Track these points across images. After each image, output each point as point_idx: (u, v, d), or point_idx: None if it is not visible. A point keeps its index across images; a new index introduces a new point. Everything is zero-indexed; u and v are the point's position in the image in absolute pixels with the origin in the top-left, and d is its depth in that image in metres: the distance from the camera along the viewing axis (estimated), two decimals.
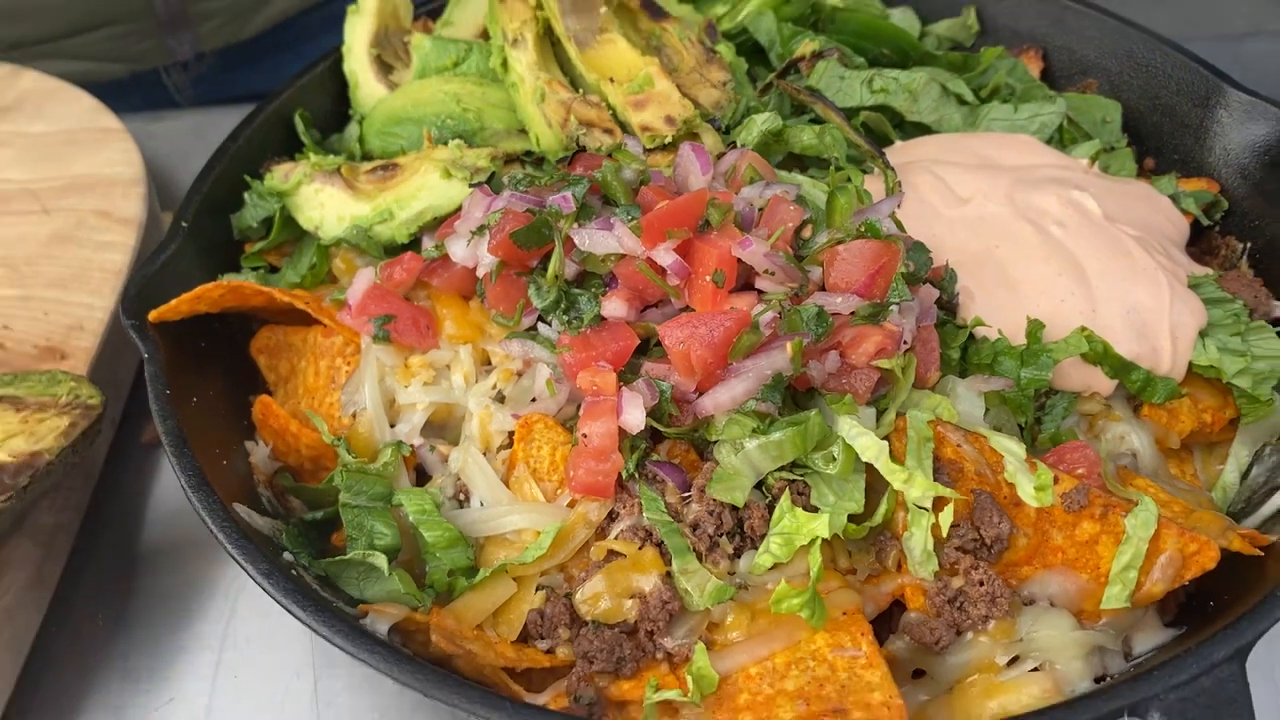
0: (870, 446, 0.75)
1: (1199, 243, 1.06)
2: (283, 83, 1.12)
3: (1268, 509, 0.85)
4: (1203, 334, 0.91)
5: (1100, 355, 0.87)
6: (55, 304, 1.06)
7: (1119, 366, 0.87)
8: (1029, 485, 0.74)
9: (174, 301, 0.88)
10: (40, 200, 1.16)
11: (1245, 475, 0.91)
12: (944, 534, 0.74)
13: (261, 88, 1.69)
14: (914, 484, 0.74)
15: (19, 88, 1.29)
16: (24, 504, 0.84)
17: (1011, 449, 0.77)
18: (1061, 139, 1.09)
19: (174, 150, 1.35)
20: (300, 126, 1.07)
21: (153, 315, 0.88)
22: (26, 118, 1.26)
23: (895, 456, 0.76)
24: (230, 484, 0.82)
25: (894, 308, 0.80)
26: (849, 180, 0.91)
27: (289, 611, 0.71)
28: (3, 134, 1.23)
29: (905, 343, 0.80)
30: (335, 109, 1.12)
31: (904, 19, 1.20)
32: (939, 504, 0.75)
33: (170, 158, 1.34)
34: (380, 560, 0.75)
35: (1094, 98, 1.14)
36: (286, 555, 0.78)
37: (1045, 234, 0.93)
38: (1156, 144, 1.12)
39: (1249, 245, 1.03)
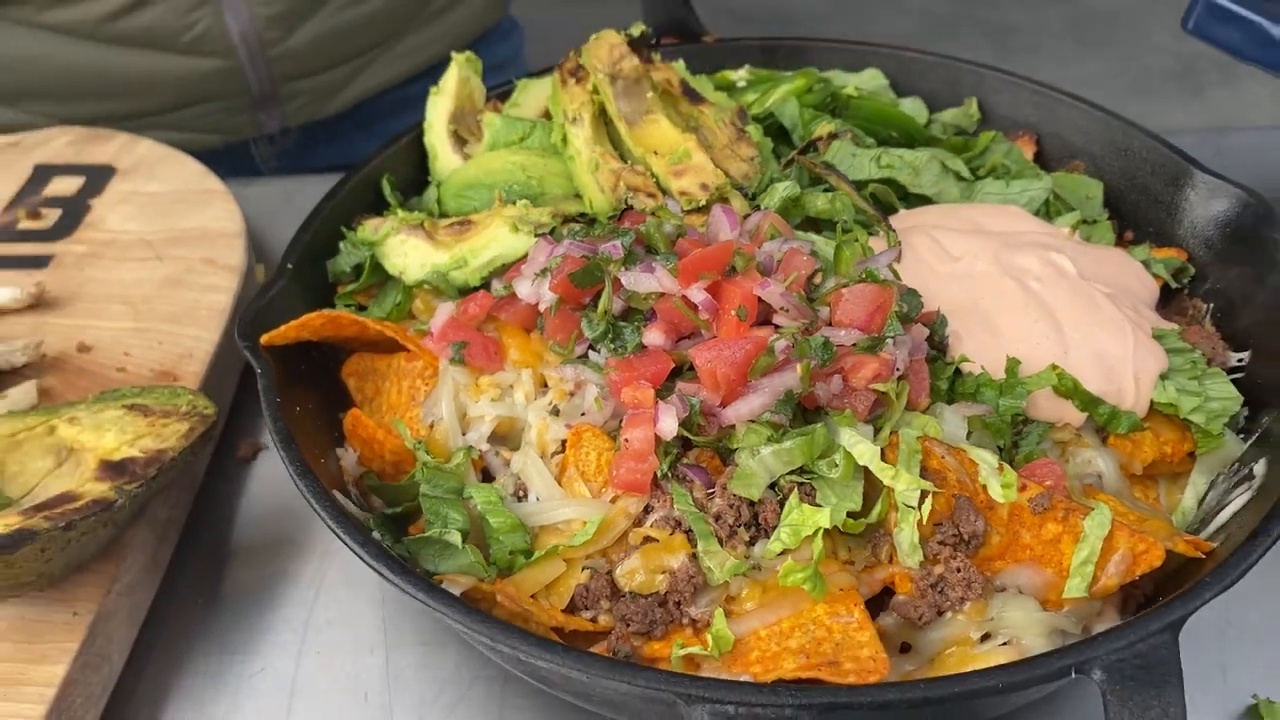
0: (866, 452, 0.92)
1: (1171, 304, 1.23)
2: (366, 154, 1.34)
3: (1215, 524, 1.00)
4: (1164, 377, 1.08)
5: (1071, 391, 1.03)
6: (168, 335, 1.26)
7: (1087, 401, 1.04)
8: (997, 485, 0.91)
9: (283, 328, 1.07)
10: (154, 249, 1.37)
11: (1202, 501, 1.07)
12: (924, 520, 0.90)
13: (337, 161, 1.93)
14: (900, 479, 0.90)
15: (136, 154, 1.52)
16: (149, 493, 1.03)
17: (985, 458, 0.94)
18: (1048, 212, 1.27)
19: (264, 211, 1.56)
20: (387, 189, 1.27)
21: (264, 338, 1.07)
22: (143, 179, 1.48)
23: (888, 464, 0.93)
24: (326, 479, 1.00)
25: (889, 341, 0.98)
26: (856, 239, 1.10)
27: (380, 574, 0.88)
28: (123, 192, 1.46)
29: (898, 370, 0.97)
30: (416, 176, 1.33)
31: (913, 107, 1.41)
32: (924, 501, 0.92)
33: (260, 218, 1.55)
34: (455, 537, 0.93)
35: (1079, 177, 1.33)
36: (375, 535, 0.95)
37: (1026, 288, 1.11)
38: (1134, 218, 1.30)
39: (1211, 305, 1.20)
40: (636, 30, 1.28)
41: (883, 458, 0.93)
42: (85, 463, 1.03)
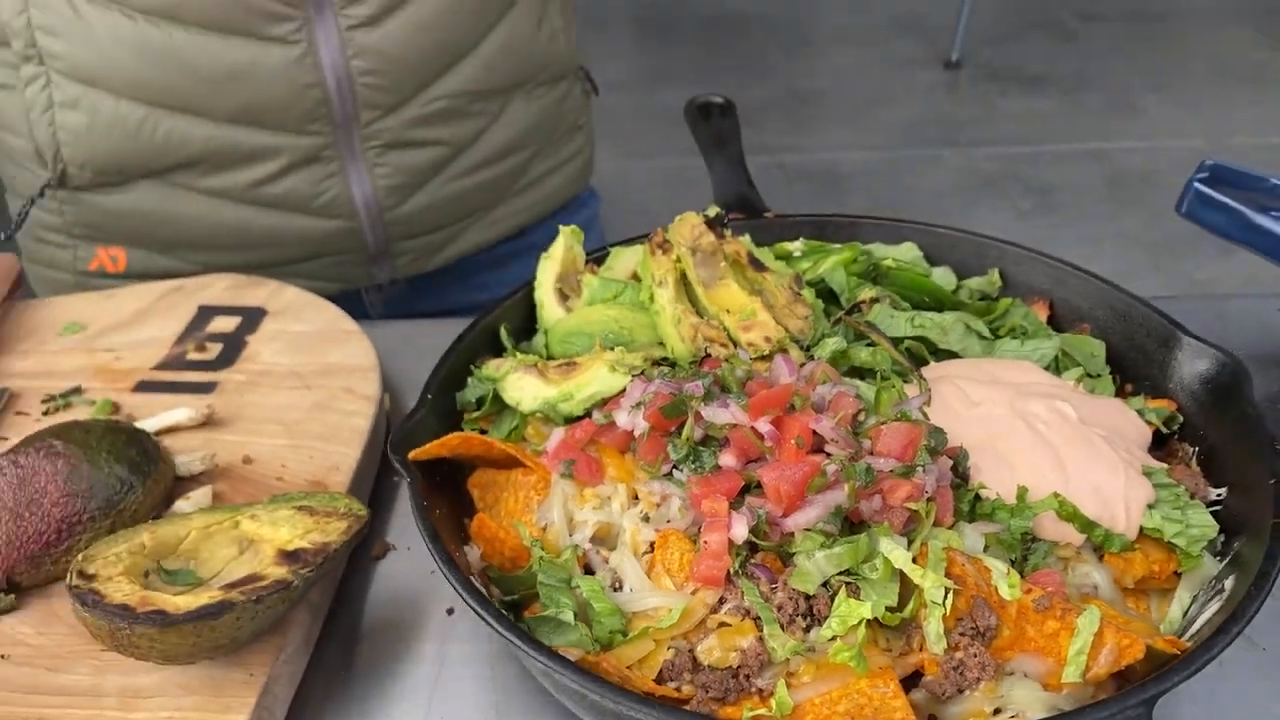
0: (900, 556, 1.18)
1: (1163, 447, 1.48)
2: (459, 303, 1.64)
3: (1192, 630, 1.24)
4: (1151, 506, 1.32)
5: (1071, 515, 1.29)
6: (318, 451, 1.55)
7: (1085, 524, 1.29)
8: (1005, 586, 1.16)
9: (428, 446, 1.36)
10: (303, 379, 1.68)
11: (1186, 613, 1.30)
12: (948, 614, 1.15)
13: (435, 308, 2.26)
14: (928, 580, 1.16)
15: (284, 298, 1.85)
16: (316, 578, 1.29)
17: (997, 565, 1.19)
18: (1058, 367, 1.55)
19: (384, 350, 1.86)
20: (504, 335, 1.58)
21: (412, 454, 1.35)
22: (290, 320, 1.80)
23: (918, 568, 1.19)
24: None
25: (920, 469, 1.24)
26: (893, 386, 1.38)
27: (511, 642, 1.13)
28: (274, 331, 1.77)
29: (927, 493, 1.23)
30: (526, 325, 1.63)
31: (943, 276, 1.70)
32: (947, 599, 1.16)
33: (382, 355, 1.85)
34: (569, 616, 1.19)
35: (1085, 338, 1.60)
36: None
37: (1034, 430, 1.37)
38: (1132, 373, 1.57)
39: (1196, 449, 1.45)
40: (712, 212, 1.60)
41: (915, 563, 1.18)
42: (264, 552, 1.31)
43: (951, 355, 1.53)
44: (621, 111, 6.90)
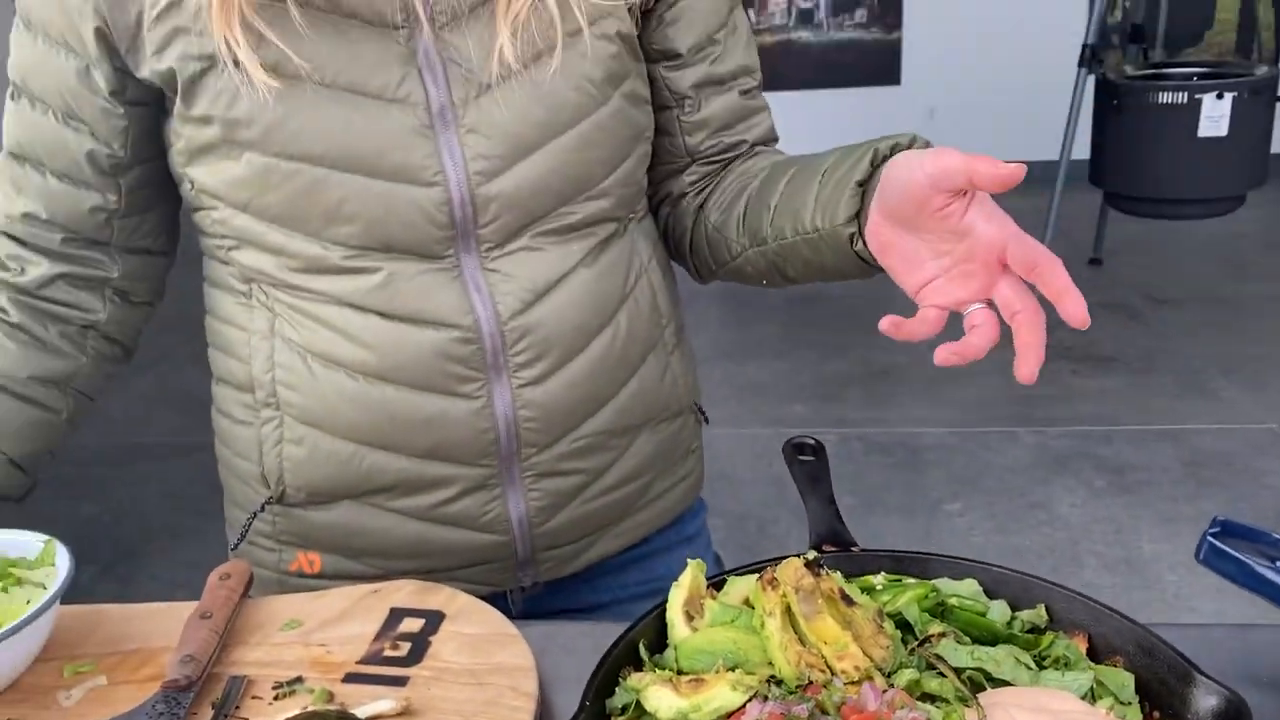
0: None
1: None
2: (589, 601, 2.10)
3: None
4: None
5: None
6: None
7: None
8: None
9: None
10: (476, 677, 2.13)
11: None
12: None
13: (567, 606, 2.74)
14: None
15: (457, 603, 2.33)
16: None
17: None
18: (1093, 696, 1.95)
19: (533, 650, 2.33)
20: (642, 650, 2.04)
21: None
22: (464, 623, 2.27)
23: None
24: None
25: None
26: (955, 712, 1.80)
27: None
28: (451, 632, 2.25)
29: None
30: (658, 640, 2.09)
31: (999, 608, 2.13)
32: None
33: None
34: None
35: (1117, 670, 2.00)
36: None
37: None
38: (1157, 702, 1.95)
39: None
40: (811, 556, 2.07)
41: None
42: None
43: (1004, 683, 1.95)
44: (709, 383, 7.56)
